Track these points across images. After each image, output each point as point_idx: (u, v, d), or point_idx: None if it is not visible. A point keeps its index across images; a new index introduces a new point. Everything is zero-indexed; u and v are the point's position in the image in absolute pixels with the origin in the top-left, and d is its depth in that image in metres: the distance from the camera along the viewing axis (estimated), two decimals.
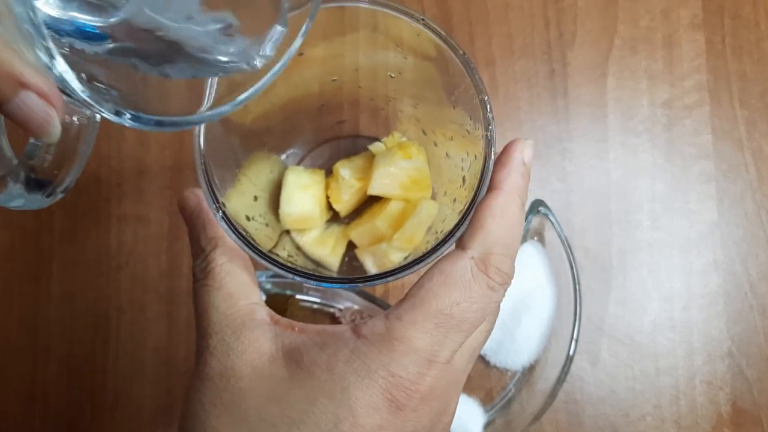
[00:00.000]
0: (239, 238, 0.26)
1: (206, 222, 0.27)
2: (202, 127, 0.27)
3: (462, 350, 0.26)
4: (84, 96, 0.19)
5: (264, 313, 0.26)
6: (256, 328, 0.25)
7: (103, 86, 0.20)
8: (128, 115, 0.20)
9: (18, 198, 0.23)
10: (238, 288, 0.26)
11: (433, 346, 0.24)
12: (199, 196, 0.28)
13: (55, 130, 0.20)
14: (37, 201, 0.23)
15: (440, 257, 0.26)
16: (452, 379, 0.25)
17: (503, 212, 0.25)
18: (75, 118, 0.23)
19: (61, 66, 0.18)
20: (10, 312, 0.49)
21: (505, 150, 0.27)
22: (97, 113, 0.20)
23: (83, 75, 0.19)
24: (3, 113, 0.19)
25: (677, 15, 0.51)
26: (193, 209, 0.27)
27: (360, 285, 0.27)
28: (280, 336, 0.25)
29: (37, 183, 0.23)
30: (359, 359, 0.23)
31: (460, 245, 0.26)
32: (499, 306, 0.26)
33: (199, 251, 0.27)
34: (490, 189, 0.26)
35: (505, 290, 0.25)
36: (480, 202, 0.26)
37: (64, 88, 0.19)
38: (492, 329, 0.28)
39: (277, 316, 0.26)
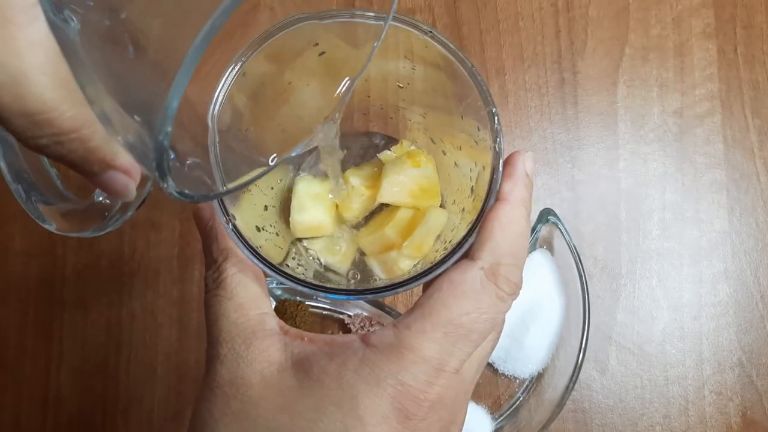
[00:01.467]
0: (249, 251, 0.27)
1: (219, 233, 0.27)
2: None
3: (470, 360, 0.26)
4: (174, 193, 0.21)
5: (274, 323, 0.26)
6: (266, 338, 0.25)
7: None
8: (192, 195, 0.22)
9: (90, 231, 0.27)
10: (249, 298, 0.26)
11: (442, 356, 0.24)
12: (213, 207, 0.28)
13: (132, 195, 0.24)
14: (102, 231, 0.27)
15: (449, 269, 0.26)
16: (461, 388, 0.26)
17: (511, 223, 0.26)
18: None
19: (171, 185, 0.21)
20: (26, 317, 0.50)
21: (508, 162, 0.27)
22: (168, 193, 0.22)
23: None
24: (91, 182, 0.23)
25: (689, 24, 0.51)
26: (208, 220, 0.28)
27: (370, 296, 0.27)
28: (289, 346, 0.25)
29: (106, 219, 0.27)
30: (368, 368, 0.23)
31: (469, 255, 0.26)
32: (505, 316, 0.26)
33: (212, 262, 0.27)
34: (496, 200, 0.27)
35: (513, 300, 0.26)
36: (487, 212, 0.26)
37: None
38: (498, 339, 0.28)
39: (287, 327, 0.26)
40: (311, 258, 0.43)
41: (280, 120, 0.32)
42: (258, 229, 0.33)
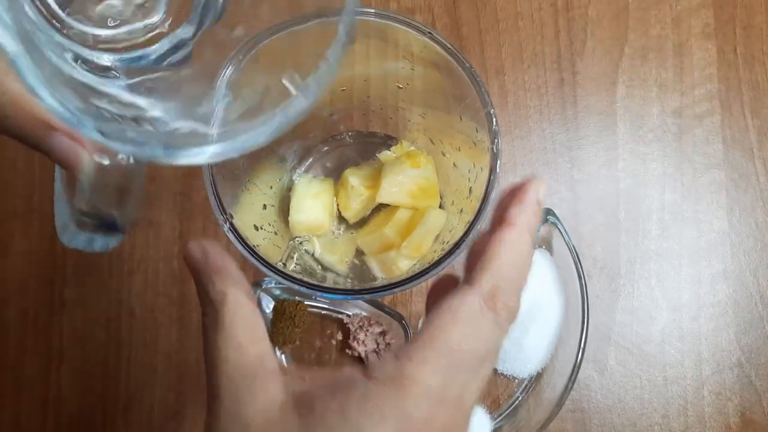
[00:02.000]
0: (247, 250, 0.27)
1: (214, 273, 0.26)
2: None
3: (470, 385, 0.26)
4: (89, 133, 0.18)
5: (274, 363, 0.26)
6: (266, 378, 0.25)
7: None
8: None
9: (88, 241, 0.25)
10: (248, 338, 0.26)
11: (444, 385, 0.24)
12: (204, 248, 0.27)
13: (87, 167, 0.22)
14: (108, 240, 0.25)
15: (449, 295, 0.26)
16: (462, 413, 0.25)
17: (514, 248, 0.25)
18: (121, 158, 0.23)
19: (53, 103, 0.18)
20: (26, 317, 0.50)
21: (522, 187, 0.26)
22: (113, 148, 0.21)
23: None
24: (40, 152, 0.22)
25: (688, 24, 0.51)
26: (199, 260, 0.27)
27: (368, 296, 0.27)
28: (290, 385, 0.25)
29: (101, 225, 0.25)
30: (371, 401, 0.23)
31: (469, 280, 0.25)
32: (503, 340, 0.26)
33: (208, 303, 0.27)
34: (502, 223, 0.26)
35: (511, 325, 0.26)
36: (491, 235, 0.26)
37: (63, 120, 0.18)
38: (495, 361, 0.28)
39: (286, 367, 0.26)
40: (310, 257, 0.43)
41: None
42: (256, 228, 0.33)
